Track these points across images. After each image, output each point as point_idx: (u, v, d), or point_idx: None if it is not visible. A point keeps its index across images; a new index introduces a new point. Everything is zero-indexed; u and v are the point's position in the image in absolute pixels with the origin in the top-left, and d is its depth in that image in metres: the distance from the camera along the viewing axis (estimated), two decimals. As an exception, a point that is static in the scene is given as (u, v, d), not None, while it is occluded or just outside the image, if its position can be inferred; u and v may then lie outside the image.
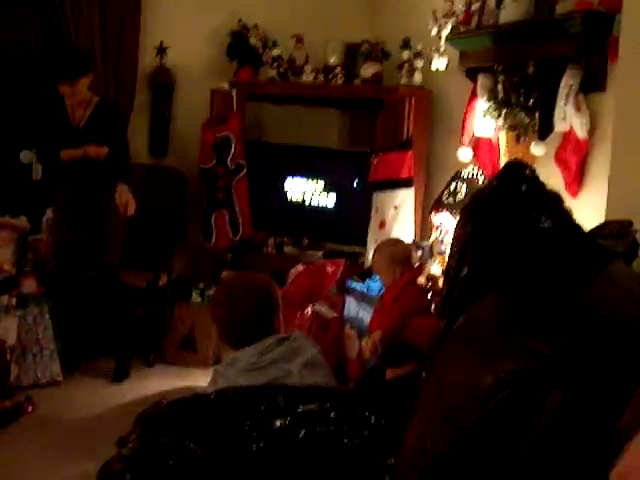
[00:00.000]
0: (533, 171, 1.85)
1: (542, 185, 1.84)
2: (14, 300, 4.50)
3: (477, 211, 1.88)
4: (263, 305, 2.65)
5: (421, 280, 3.71)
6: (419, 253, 4.46)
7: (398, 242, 3.70)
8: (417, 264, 3.82)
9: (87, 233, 4.58)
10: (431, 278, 3.82)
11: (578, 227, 1.82)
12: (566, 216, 1.82)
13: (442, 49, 4.27)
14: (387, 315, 3.44)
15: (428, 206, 4.61)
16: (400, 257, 3.52)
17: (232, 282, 2.90)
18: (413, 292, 3.49)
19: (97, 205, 4.61)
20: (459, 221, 1.96)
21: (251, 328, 2.60)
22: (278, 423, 2.02)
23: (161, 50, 5.49)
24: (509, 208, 1.82)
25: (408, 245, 3.72)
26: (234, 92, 5.24)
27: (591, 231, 1.88)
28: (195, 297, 5.24)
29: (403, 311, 3.39)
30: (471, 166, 4.23)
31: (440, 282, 3.88)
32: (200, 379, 4.66)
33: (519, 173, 1.84)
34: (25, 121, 4.96)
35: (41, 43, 5.54)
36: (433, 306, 3.44)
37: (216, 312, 2.73)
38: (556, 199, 1.86)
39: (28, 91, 5.54)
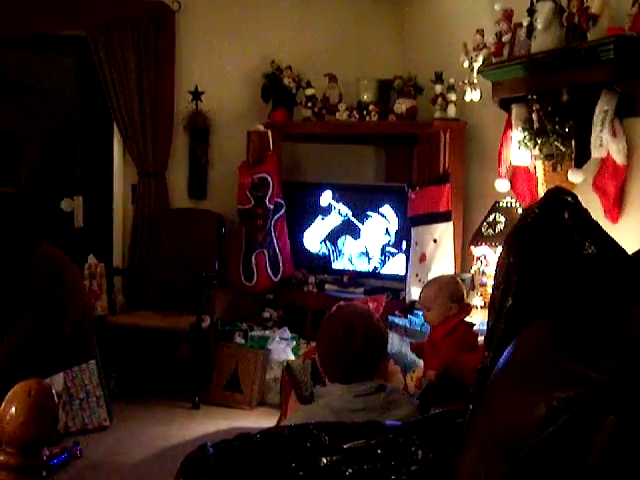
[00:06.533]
0: (575, 197, 1.84)
1: (585, 211, 1.82)
2: (60, 347, 4.55)
3: (520, 240, 1.86)
4: (371, 347, 2.55)
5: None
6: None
7: (458, 281, 3.69)
8: (467, 302, 3.79)
9: None
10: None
11: (622, 252, 1.79)
12: (610, 241, 1.80)
13: (475, 81, 4.28)
14: (437, 353, 3.42)
15: (467, 238, 4.60)
16: (460, 296, 3.50)
17: (344, 317, 2.63)
18: (463, 330, 3.47)
19: None
20: (502, 251, 1.94)
21: (353, 368, 2.52)
22: (324, 461, 2.00)
23: (196, 95, 5.58)
24: (552, 236, 1.80)
25: (462, 285, 3.71)
26: (270, 133, 5.29)
27: (634, 255, 1.85)
28: (238, 338, 5.25)
29: (453, 347, 3.37)
30: (509, 197, 4.21)
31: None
32: (246, 419, 4.66)
33: (561, 200, 1.82)
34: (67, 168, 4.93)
35: (78, 91, 5.66)
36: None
37: (321, 345, 2.63)
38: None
39: (68, 140, 5.65)
